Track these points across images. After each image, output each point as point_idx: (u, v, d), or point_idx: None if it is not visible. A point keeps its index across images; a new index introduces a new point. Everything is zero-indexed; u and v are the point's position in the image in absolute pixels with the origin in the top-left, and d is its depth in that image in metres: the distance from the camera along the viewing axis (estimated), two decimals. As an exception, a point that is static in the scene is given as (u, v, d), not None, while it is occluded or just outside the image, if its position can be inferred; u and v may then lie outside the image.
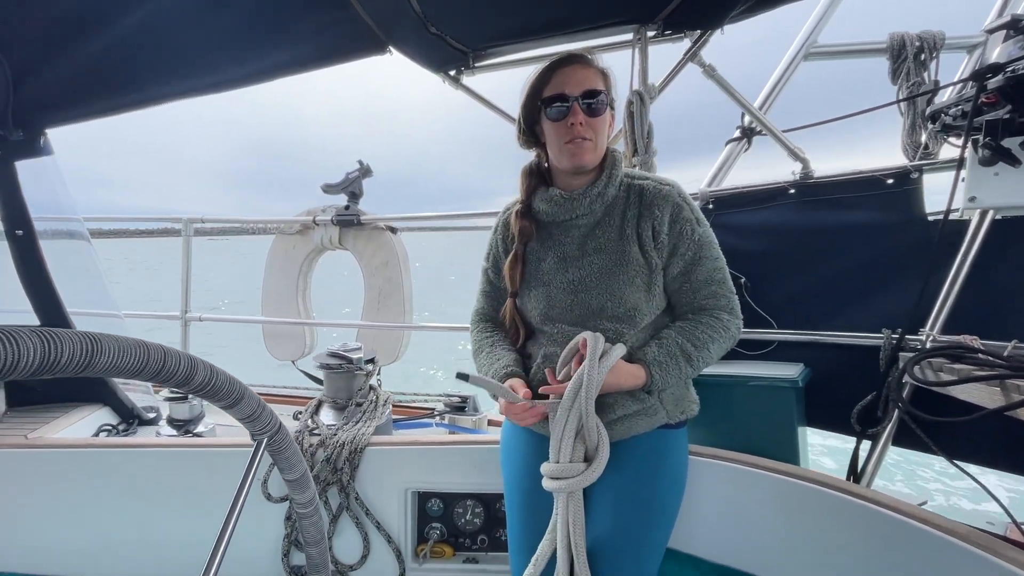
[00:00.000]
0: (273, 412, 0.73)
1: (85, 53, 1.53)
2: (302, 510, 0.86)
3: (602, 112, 1.10)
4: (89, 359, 0.44)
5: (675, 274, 1.12)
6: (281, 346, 2.56)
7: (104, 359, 0.46)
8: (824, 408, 1.51)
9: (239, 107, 45.72)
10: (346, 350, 1.78)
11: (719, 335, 1.10)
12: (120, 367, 0.48)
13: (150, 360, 0.51)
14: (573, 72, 1.10)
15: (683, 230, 1.10)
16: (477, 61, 1.88)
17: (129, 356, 0.49)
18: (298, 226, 2.49)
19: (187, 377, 0.57)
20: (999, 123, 1.26)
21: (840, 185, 1.56)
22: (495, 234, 1.29)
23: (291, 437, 0.77)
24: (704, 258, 1.12)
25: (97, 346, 0.45)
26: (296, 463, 0.79)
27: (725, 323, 1.11)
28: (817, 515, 1.23)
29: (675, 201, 1.11)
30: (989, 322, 1.30)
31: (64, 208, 2.01)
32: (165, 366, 0.53)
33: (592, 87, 1.09)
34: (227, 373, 0.63)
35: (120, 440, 1.78)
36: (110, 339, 0.47)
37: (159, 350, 0.53)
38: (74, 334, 0.43)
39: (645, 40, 1.64)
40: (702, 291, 1.12)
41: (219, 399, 0.63)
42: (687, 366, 1.09)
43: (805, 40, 1.77)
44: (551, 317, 1.15)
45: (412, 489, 1.59)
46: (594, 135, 1.10)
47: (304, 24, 1.56)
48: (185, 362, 0.56)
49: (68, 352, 0.42)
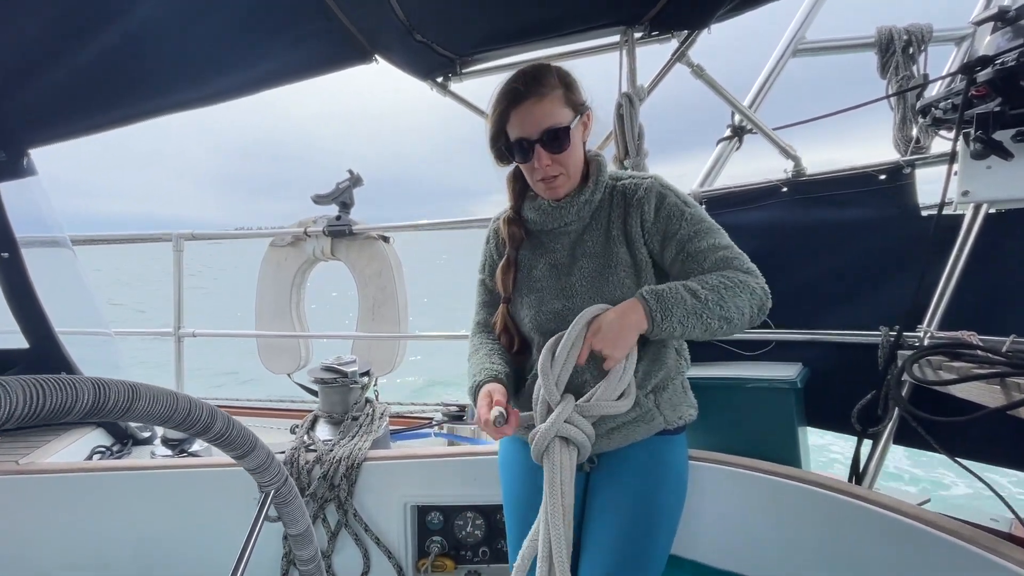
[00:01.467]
0: (281, 464, 0.73)
1: (67, 71, 1.51)
2: (304, 567, 0.85)
3: (566, 145, 1.06)
4: (129, 405, 0.48)
5: (674, 255, 1.07)
6: (276, 359, 2.54)
7: (142, 405, 0.49)
8: (824, 407, 1.50)
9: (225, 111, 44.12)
10: (341, 363, 1.76)
11: (736, 283, 0.99)
12: (152, 414, 0.51)
13: (178, 409, 0.54)
14: (528, 110, 1.04)
15: (671, 213, 1.07)
16: (464, 67, 1.87)
17: (161, 404, 0.52)
18: (289, 238, 2.47)
19: (207, 426, 0.59)
20: (990, 116, 1.25)
21: (832, 182, 1.55)
22: (488, 244, 1.29)
23: (296, 491, 0.77)
24: (702, 231, 1.06)
25: (136, 394, 0.49)
26: (299, 518, 0.79)
27: (741, 277, 1.01)
28: (819, 518, 1.22)
29: (657, 191, 1.10)
30: (986, 317, 1.29)
31: (50, 227, 1.98)
32: (191, 415, 0.56)
33: (550, 124, 1.04)
34: (241, 424, 0.65)
35: (113, 463, 1.75)
36: (146, 389, 0.50)
37: (185, 400, 0.55)
38: (119, 384, 0.47)
39: (632, 42, 1.63)
40: (709, 258, 1.03)
41: (232, 449, 0.65)
42: (693, 301, 0.97)
43: (793, 37, 1.76)
44: (541, 323, 1.14)
45: (411, 503, 1.57)
46: (564, 168, 1.08)
47: (288, 35, 1.54)
48: (205, 413, 0.58)
49: (113, 399, 0.46)
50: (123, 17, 1.33)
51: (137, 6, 1.30)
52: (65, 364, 1.90)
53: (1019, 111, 1.23)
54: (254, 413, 2.46)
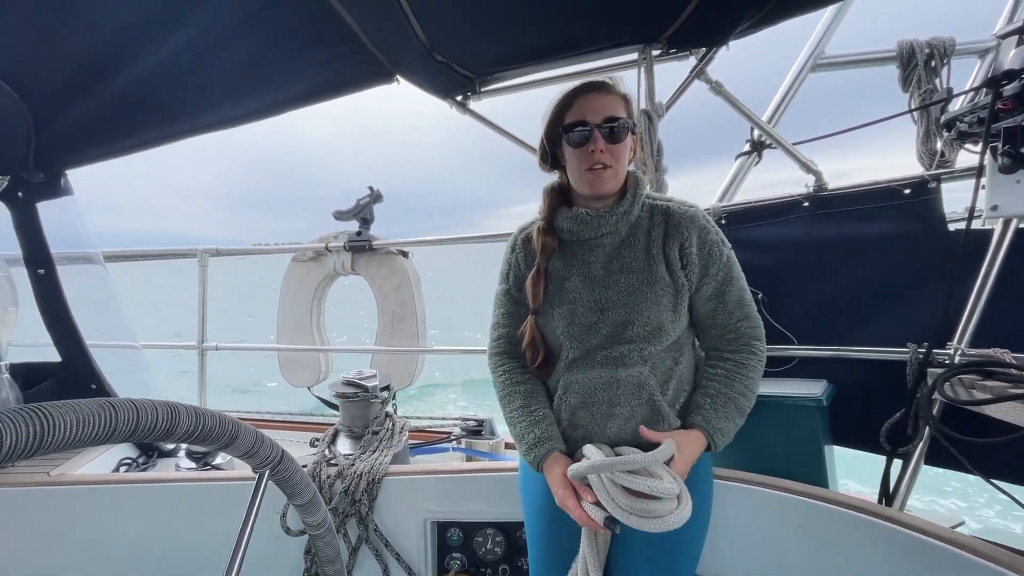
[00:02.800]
0: (273, 442, 0.72)
1: (104, 96, 1.57)
2: (315, 531, 0.86)
3: (623, 138, 1.10)
4: (39, 441, 0.41)
5: (708, 295, 1.13)
6: (297, 372, 2.57)
7: (59, 436, 0.42)
8: (850, 425, 1.47)
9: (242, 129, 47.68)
10: (361, 378, 1.78)
11: (759, 372, 1.14)
12: (83, 438, 0.44)
13: (119, 422, 0.47)
14: (595, 99, 1.11)
15: (712, 251, 1.11)
16: (483, 86, 1.90)
17: (91, 424, 0.45)
18: (311, 253, 2.52)
19: (169, 428, 0.53)
20: (1017, 130, 1.24)
21: (855, 197, 1.53)
22: (512, 253, 1.27)
23: (295, 463, 0.76)
24: (734, 278, 1.13)
25: (48, 422, 0.41)
26: (303, 488, 0.79)
27: (760, 356, 1.14)
28: (848, 540, 1.19)
29: (701, 224, 1.13)
30: (1019, 334, 1.25)
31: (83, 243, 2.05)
32: (140, 422, 0.49)
33: (613, 113, 1.09)
34: (215, 413, 0.60)
35: (140, 475, 1.79)
36: (66, 409, 0.44)
37: (128, 406, 0.49)
38: (18, 412, 0.40)
39: (650, 59, 1.64)
40: (736, 313, 1.14)
41: (210, 442, 0.60)
42: (740, 419, 1.11)
43: (812, 51, 1.76)
44: (575, 335, 1.14)
45: (431, 519, 1.57)
46: (614, 162, 1.10)
47: (314, 58, 1.58)
48: (164, 412, 0.52)
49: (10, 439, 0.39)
50: (158, 47, 1.39)
51: (171, 37, 1.36)
52: (95, 378, 1.95)
53: (1048, 125, 1.22)
54: (274, 426, 2.49)
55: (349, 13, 1.35)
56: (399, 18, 1.39)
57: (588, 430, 1.13)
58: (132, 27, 1.32)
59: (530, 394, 1.20)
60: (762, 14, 1.44)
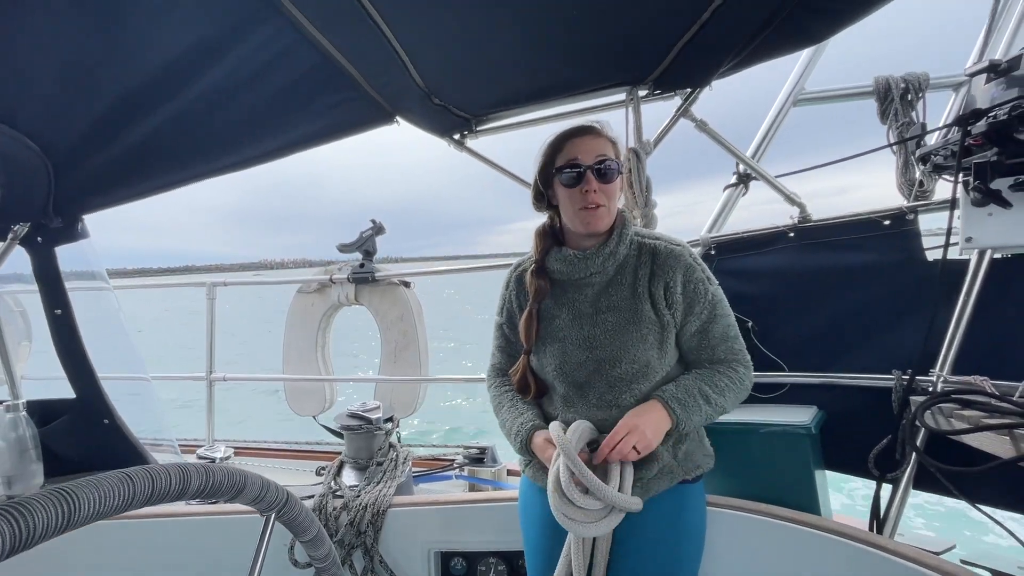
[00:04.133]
0: (278, 486, 0.76)
1: (121, 146, 1.65)
2: (320, 564, 0.90)
3: (614, 178, 1.16)
4: (67, 520, 0.44)
5: (692, 331, 1.16)
6: (302, 402, 2.62)
7: (83, 513, 0.45)
8: (841, 450, 1.50)
9: None
10: (365, 410, 1.83)
11: (735, 385, 1.15)
12: (106, 511, 0.47)
13: (137, 490, 0.51)
14: (585, 142, 1.16)
15: (697, 289, 1.14)
16: (479, 125, 1.98)
17: (113, 498, 0.48)
18: (316, 284, 2.59)
19: (182, 489, 0.56)
20: (987, 165, 1.29)
21: (838, 228, 1.59)
22: (507, 289, 1.33)
23: (300, 503, 0.81)
24: (719, 315, 1.16)
25: (73, 502, 0.45)
26: (308, 525, 0.83)
27: (741, 375, 1.17)
28: (838, 567, 1.22)
29: (687, 262, 1.16)
30: (998, 361, 1.30)
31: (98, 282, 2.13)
32: (155, 488, 0.52)
33: (604, 154, 1.15)
34: (223, 468, 0.64)
35: (148, 510, 1.83)
36: (88, 487, 0.46)
37: (143, 476, 0.52)
38: (45, 496, 0.43)
39: (637, 100, 1.72)
40: (720, 347, 1.17)
41: (220, 495, 0.64)
42: (706, 406, 1.11)
43: (793, 87, 1.84)
44: (567, 373, 1.18)
45: (435, 549, 1.60)
46: (607, 200, 1.15)
47: (318, 104, 1.67)
48: (176, 475, 0.55)
49: (42, 521, 0.42)
50: (174, 99, 1.48)
51: (187, 89, 1.44)
52: (108, 412, 2.01)
53: (1015, 161, 1.28)
54: (281, 455, 2.53)
55: (351, 62, 1.44)
56: (397, 65, 1.48)
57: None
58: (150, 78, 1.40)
59: (516, 399, 1.28)
60: (741, 57, 1.52)
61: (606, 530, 1.07)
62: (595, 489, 1.03)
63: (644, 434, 1.06)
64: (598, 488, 1.03)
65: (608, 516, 1.05)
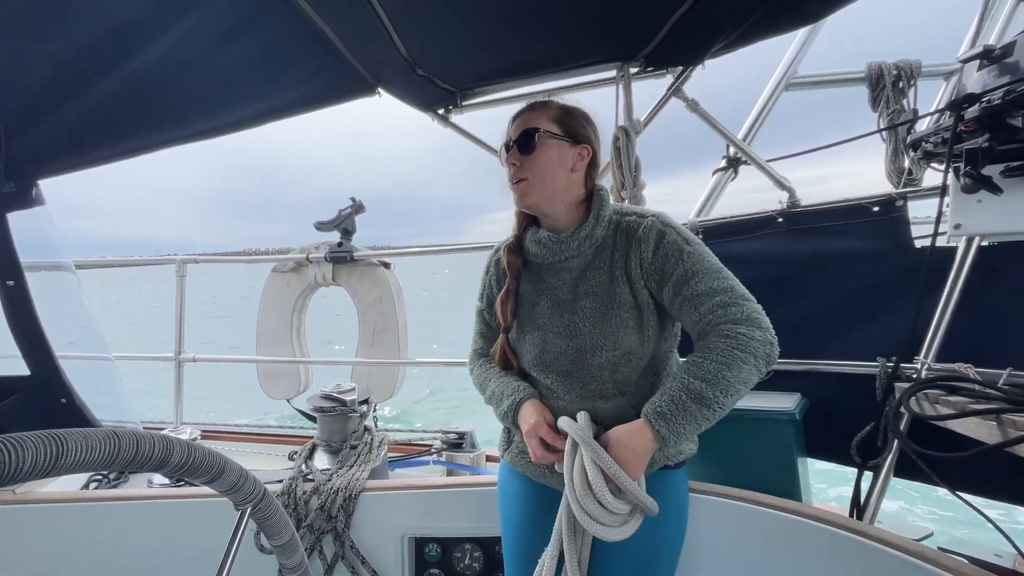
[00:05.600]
0: (257, 479, 0.72)
1: (79, 106, 1.55)
2: (290, 574, 0.84)
3: (534, 149, 1.07)
4: (54, 462, 0.45)
5: (671, 296, 1.04)
6: (276, 384, 2.54)
7: (70, 459, 0.46)
8: (824, 438, 1.50)
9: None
10: (339, 391, 1.77)
11: (736, 356, 0.94)
12: (90, 462, 0.48)
13: (121, 449, 0.51)
14: (523, 118, 1.12)
15: (668, 252, 1.04)
16: (465, 100, 1.92)
17: (98, 450, 0.48)
18: (291, 264, 2.50)
19: (163, 459, 0.56)
20: (979, 151, 1.28)
21: (827, 213, 1.57)
22: (487, 274, 1.28)
23: (277, 503, 0.76)
24: (697, 271, 1.01)
25: (62, 446, 0.45)
26: (282, 528, 0.78)
27: (741, 339, 0.95)
28: (819, 553, 1.21)
29: (657, 228, 1.06)
30: (983, 348, 1.29)
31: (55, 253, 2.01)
32: (139, 452, 0.53)
33: (531, 126, 1.08)
34: (205, 449, 0.62)
35: (111, 493, 1.74)
36: (76, 436, 0.47)
37: (130, 437, 0.52)
38: (36, 436, 0.44)
39: (628, 77, 1.67)
40: (705, 303, 0.99)
41: (198, 476, 0.62)
42: (699, 407, 0.95)
43: (785, 71, 1.81)
44: (547, 362, 1.13)
45: (409, 535, 1.56)
46: (531, 174, 1.09)
47: (295, 71, 1.58)
48: (160, 445, 0.55)
49: (31, 457, 0.43)
50: (134, 57, 1.38)
51: (148, 47, 1.35)
52: (65, 391, 1.90)
53: (1007, 147, 1.26)
54: (253, 439, 2.45)
55: (330, 27, 1.36)
56: (380, 32, 1.40)
57: None
58: (107, 37, 1.30)
59: (503, 373, 1.22)
60: (736, 35, 1.48)
61: (630, 533, 0.99)
62: (630, 490, 0.96)
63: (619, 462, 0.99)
64: (632, 490, 0.96)
65: (633, 518, 0.99)
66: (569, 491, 0.98)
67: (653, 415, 0.98)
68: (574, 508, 0.98)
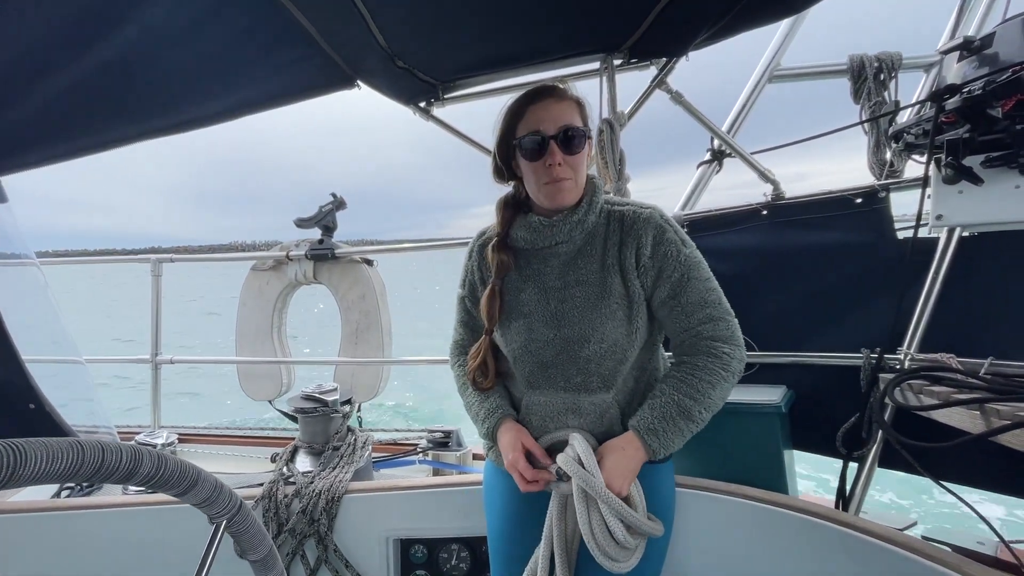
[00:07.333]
0: (232, 492, 0.68)
1: (41, 98, 1.47)
2: None
3: (581, 148, 1.06)
4: (12, 472, 0.42)
5: (663, 298, 1.06)
6: (257, 385, 2.48)
7: (29, 469, 0.43)
8: (809, 430, 1.50)
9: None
10: (321, 392, 1.73)
11: (720, 376, 1.03)
12: (51, 473, 0.45)
13: (85, 460, 0.48)
14: (548, 107, 1.06)
15: (667, 252, 1.05)
16: (447, 92, 1.88)
17: (60, 461, 0.45)
18: (271, 262, 2.43)
19: (131, 471, 0.53)
20: (959, 142, 1.28)
21: (810, 206, 1.57)
22: (470, 260, 1.24)
23: (253, 515, 0.73)
24: (693, 279, 1.05)
25: (21, 456, 0.42)
26: (259, 543, 0.74)
27: (725, 359, 1.03)
28: (805, 545, 1.21)
29: (657, 223, 1.07)
30: (965, 338, 1.30)
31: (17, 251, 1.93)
32: (104, 463, 0.50)
33: (568, 122, 1.04)
34: (177, 460, 0.59)
35: (82, 501, 1.68)
36: (38, 445, 0.44)
37: (96, 447, 0.49)
38: None
39: (612, 68, 1.65)
40: (696, 314, 1.05)
41: (170, 488, 0.59)
42: (687, 423, 1.02)
43: (768, 63, 1.80)
44: (531, 351, 1.11)
45: (394, 536, 1.53)
46: (573, 173, 1.06)
47: (270, 62, 1.53)
48: (128, 455, 0.52)
49: None
50: (98, 47, 1.31)
51: (115, 35, 1.28)
52: (33, 396, 1.83)
53: (987, 138, 1.27)
54: (233, 441, 2.39)
55: (305, 16, 1.31)
56: (358, 23, 1.36)
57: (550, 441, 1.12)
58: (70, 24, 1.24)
59: (476, 389, 1.21)
60: (720, 26, 1.46)
61: (639, 559, 1.02)
62: (650, 530, 1.01)
63: (612, 477, 1.01)
64: (651, 530, 1.01)
65: (642, 543, 1.03)
66: (590, 542, 0.99)
67: (645, 431, 1.03)
68: (596, 556, 0.98)
